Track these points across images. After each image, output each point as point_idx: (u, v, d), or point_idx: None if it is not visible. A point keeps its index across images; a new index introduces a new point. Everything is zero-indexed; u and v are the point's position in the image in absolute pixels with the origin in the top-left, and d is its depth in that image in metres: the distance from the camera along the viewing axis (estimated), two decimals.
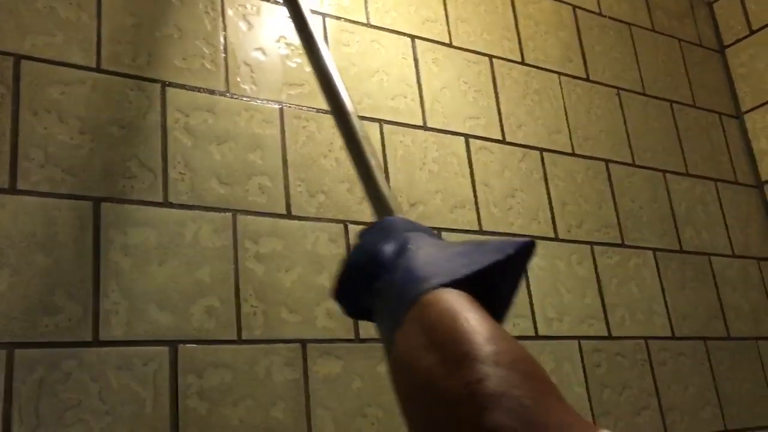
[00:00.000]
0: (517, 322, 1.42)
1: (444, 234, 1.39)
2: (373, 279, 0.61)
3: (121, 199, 1.08)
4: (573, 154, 1.66)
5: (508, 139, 1.57)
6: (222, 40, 1.27)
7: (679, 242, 1.77)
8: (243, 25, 1.30)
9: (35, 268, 0.99)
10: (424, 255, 0.58)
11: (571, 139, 1.68)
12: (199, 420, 1.03)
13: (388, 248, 0.61)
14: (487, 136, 1.54)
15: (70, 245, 1.02)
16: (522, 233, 1.50)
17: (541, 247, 1.52)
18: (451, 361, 0.45)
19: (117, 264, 1.05)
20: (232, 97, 1.24)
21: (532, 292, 1.47)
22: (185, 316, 1.08)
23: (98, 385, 0.98)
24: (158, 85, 1.17)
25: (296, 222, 1.24)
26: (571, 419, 0.41)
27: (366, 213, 1.31)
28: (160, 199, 1.12)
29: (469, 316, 0.49)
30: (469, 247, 0.59)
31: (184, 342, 1.06)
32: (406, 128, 1.43)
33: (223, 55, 1.26)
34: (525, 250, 0.57)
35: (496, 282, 0.56)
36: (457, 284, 0.53)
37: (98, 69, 1.13)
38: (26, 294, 0.97)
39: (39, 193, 1.02)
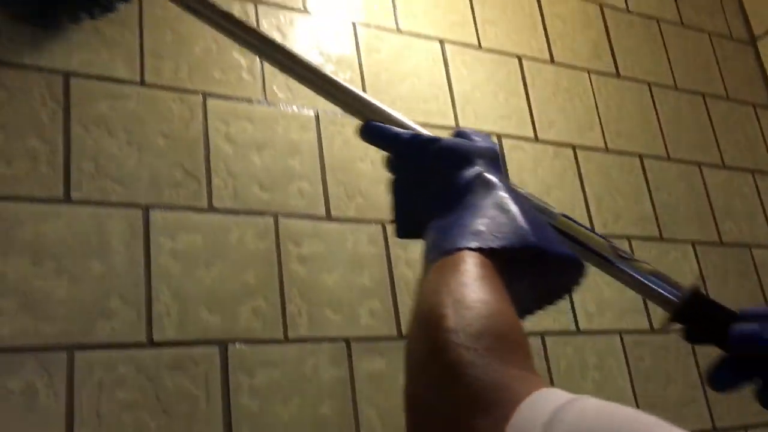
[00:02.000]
0: (557, 317, 1.43)
1: None
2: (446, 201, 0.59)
3: (169, 205, 1.12)
4: (606, 150, 1.67)
5: (540, 137, 1.59)
6: None
7: (719, 234, 1.76)
8: (278, 36, 1.34)
9: (91, 275, 1.03)
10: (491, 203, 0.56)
11: (603, 135, 1.68)
12: (251, 417, 1.06)
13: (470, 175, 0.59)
14: (520, 134, 1.56)
15: (123, 252, 1.06)
16: None
17: None
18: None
19: (167, 268, 1.09)
20: (269, 106, 1.28)
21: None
22: (233, 317, 1.11)
23: (153, 385, 1.01)
24: (199, 97, 1.22)
25: (336, 224, 1.27)
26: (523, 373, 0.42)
27: None
28: (205, 205, 1.15)
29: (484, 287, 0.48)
30: (535, 214, 0.58)
31: (234, 342, 1.09)
32: (439, 130, 1.45)
33: (260, 65, 1.30)
34: (581, 269, 0.57)
35: (539, 269, 0.55)
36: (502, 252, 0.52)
37: (142, 83, 1.17)
38: (83, 299, 1.01)
39: (91, 202, 1.06)
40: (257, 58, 1.30)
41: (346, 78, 1.37)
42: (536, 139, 1.58)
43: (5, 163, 1.02)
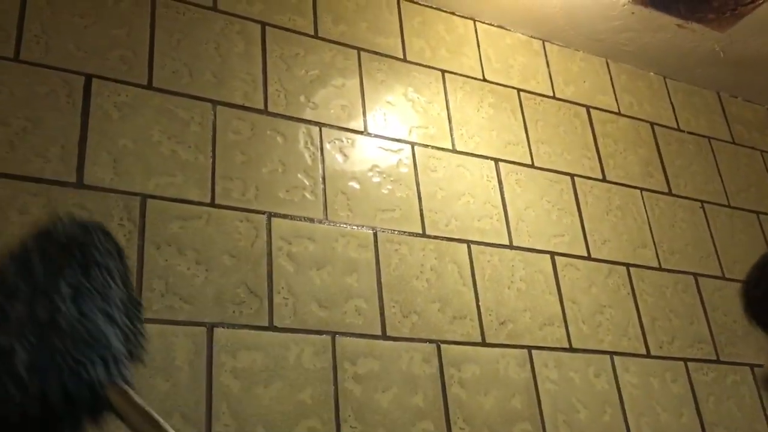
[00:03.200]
0: None
1: (534, 352, 1.41)
2: None
3: (231, 324, 1.16)
4: (660, 269, 1.67)
5: (593, 256, 1.60)
6: (321, 171, 1.37)
7: None
8: (339, 157, 1.40)
9: (155, 393, 1.06)
10: None
11: (657, 253, 1.69)
12: None
13: None
14: (573, 253, 1.57)
15: (186, 369, 1.09)
16: (612, 350, 1.50)
17: (632, 364, 1.51)
18: None
19: (227, 387, 1.11)
20: (330, 224, 1.33)
21: (627, 412, 1.45)
22: None
23: None
24: (264, 216, 1.27)
25: (391, 342, 1.28)
26: None
27: (458, 332, 1.35)
28: (265, 324, 1.19)
29: None
30: None
31: None
32: (493, 248, 1.48)
33: (322, 185, 1.36)
34: None
35: None
36: None
37: (212, 204, 1.23)
38: None
39: (160, 320, 1.11)
40: (320, 179, 1.36)
41: (403, 196, 1.42)
42: (589, 257, 1.59)
43: None
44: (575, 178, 1.68)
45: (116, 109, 1.22)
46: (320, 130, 1.41)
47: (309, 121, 1.40)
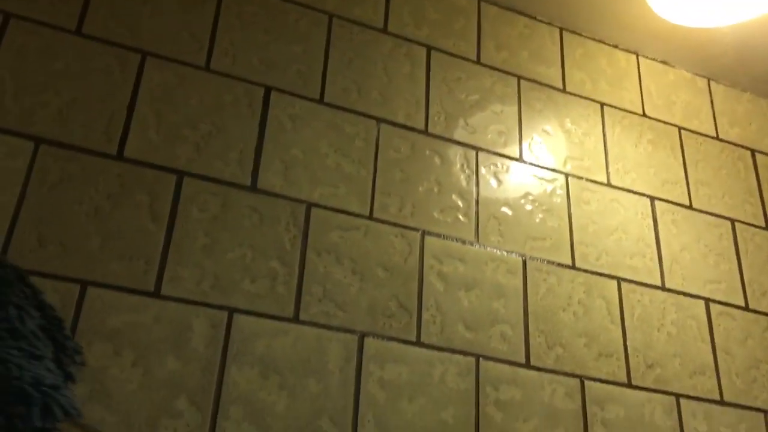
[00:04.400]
0: None
1: (683, 400, 1.35)
2: None
3: (381, 335, 1.19)
4: None
5: (751, 306, 1.51)
6: (475, 194, 1.38)
7: None
8: (493, 182, 1.41)
9: (307, 393, 1.10)
10: None
11: None
12: None
13: None
14: (729, 301, 1.50)
15: (337, 374, 1.13)
16: (767, 408, 1.41)
17: None
18: None
19: (374, 396, 1.14)
20: (480, 247, 1.33)
21: None
22: None
23: None
24: (418, 234, 1.30)
25: (534, 372, 1.27)
26: None
27: (603, 370, 1.31)
28: (413, 339, 1.21)
29: None
30: None
31: None
32: (644, 287, 1.44)
33: (475, 208, 1.37)
34: None
35: None
36: None
37: (371, 217, 1.27)
38: (298, 416, 1.08)
39: (316, 324, 1.15)
40: (474, 202, 1.37)
41: (554, 226, 1.41)
42: (747, 308, 1.50)
43: (250, 280, 1.14)
44: (736, 223, 1.60)
45: (290, 120, 1.28)
46: (476, 154, 1.42)
47: (466, 144, 1.42)
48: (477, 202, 1.38)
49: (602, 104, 1.60)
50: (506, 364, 1.25)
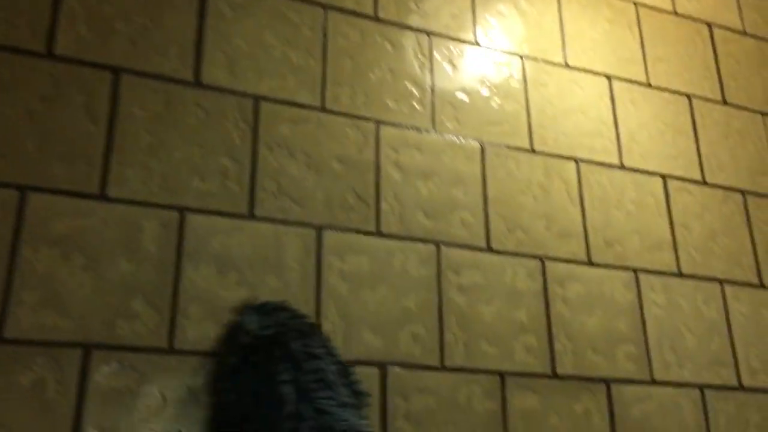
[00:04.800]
0: (717, 370, 1.36)
1: (641, 275, 1.37)
2: None
3: (340, 227, 1.17)
4: None
5: (708, 181, 1.52)
6: (429, 81, 1.34)
7: None
8: (448, 67, 1.37)
9: (268, 288, 1.09)
10: None
11: None
12: None
13: None
14: (687, 176, 1.50)
15: (296, 268, 1.12)
16: (724, 278, 1.44)
17: (744, 293, 1.45)
18: None
19: (335, 288, 1.13)
20: (437, 135, 1.31)
21: (735, 340, 1.40)
22: (394, 340, 1.14)
23: None
24: (372, 124, 1.26)
25: (496, 256, 1.27)
26: None
27: (563, 250, 1.32)
28: (372, 229, 1.19)
29: None
30: None
31: (393, 365, 1.12)
32: (602, 167, 1.43)
33: (430, 95, 1.33)
34: None
35: None
36: None
37: (322, 109, 1.23)
38: None
39: (272, 220, 1.13)
40: (428, 88, 1.33)
41: (512, 110, 1.38)
42: (704, 182, 1.52)
43: (200, 179, 1.10)
44: (693, 99, 1.59)
45: (230, 9, 1.22)
46: (429, 39, 1.37)
47: (418, 30, 1.36)
48: (432, 88, 1.34)
49: None
50: (467, 250, 1.25)
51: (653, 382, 1.30)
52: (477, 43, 1.42)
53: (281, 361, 0.93)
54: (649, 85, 1.55)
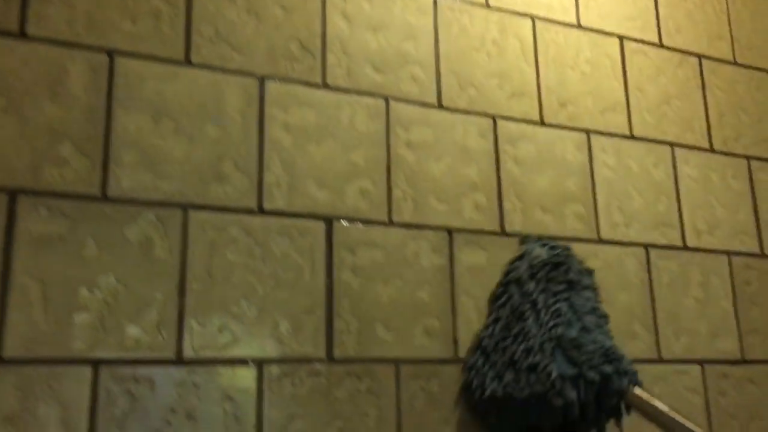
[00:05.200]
0: (664, 231, 1.37)
1: (593, 136, 1.35)
2: None
3: (284, 78, 1.11)
4: (735, 63, 1.56)
5: (665, 43, 1.49)
6: None
7: None
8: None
9: (207, 139, 1.04)
10: None
11: (733, 46, 1.57)
12: (351, 293, 1.07)
13: None
14: (644, 38, 1.47)
15: (238, 119, 1.06)
16: (676, 141, 1.44)
17: (694, 157, 1.45)
18: None
19: (279, 140, 1.09)
20: None
21: (682, 203, 1.41)
22: (340, 195, 1.11)
23: (262, 251, 1.03)
24: None
25: (446, 113, 1.23)
26: None
27: (516, 109, 1.29)
28: (318, 81, 1.14)
29: None
30: None
31: (339, 219, 1.10)
32: (558, 26, 1.38)
33: None
34: None
35: None
36: None
37: None
38: (199, 161, 1.02)
39: (210, 67, 1.06)
40: None
41: None
42: (660, 44, 1.48)
43: (130, 20, 1.02)
44: None
45: None
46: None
47: None
48: None
49: None
50: (417, 106, 1.21)
51: (600, 240, 1.31)
52: None
53: (562, 282, 1.08)
54: None
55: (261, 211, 1.05)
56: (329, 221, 1.09)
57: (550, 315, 1.02)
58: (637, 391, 0.98)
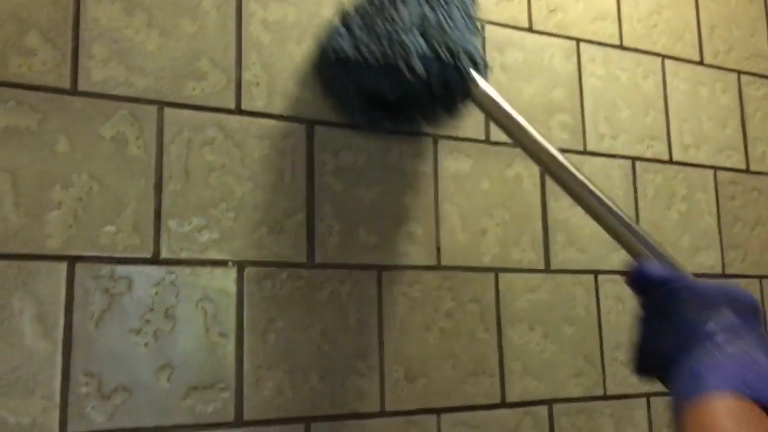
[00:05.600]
0: (651, 144, 1.35)
1: (583, 45, 1.32)
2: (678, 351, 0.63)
3: None
4: None
5: None
6: None
7: None
8: None
9: (181, 33, 0.99)
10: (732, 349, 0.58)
11: None
12: (333, 196, 1.05)
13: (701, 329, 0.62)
14: None
15: (214, 14, 1.02)
16: (665, 53, 1.41)
17: (683, 69, 1.42)
18: None
19: (257, 38, 1.04)
20: None
21: (670, 116, 1.39)
22: (321, 95, 1.07)
23: (240, 152, 1.00)
24: None
25: None
26: None
27: (503, 15, 1.25)
28: None
29: None
30: None
31: (320, 124, 1.07)
32: None
33: None
34: None
35: None
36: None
37: None
38: (173, 57, 0.98)
39: None
40: None
41: None
42: None
43: None
44: None
45: None
46: None
47: None
48: None
49: None
50: None
51: (586, 152, 1.29)
52: None
53: None
54: None
55: (239, 111, 1.01)
56: (311, 125, 1.06)
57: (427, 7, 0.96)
58: (486, 88, 0.96)
